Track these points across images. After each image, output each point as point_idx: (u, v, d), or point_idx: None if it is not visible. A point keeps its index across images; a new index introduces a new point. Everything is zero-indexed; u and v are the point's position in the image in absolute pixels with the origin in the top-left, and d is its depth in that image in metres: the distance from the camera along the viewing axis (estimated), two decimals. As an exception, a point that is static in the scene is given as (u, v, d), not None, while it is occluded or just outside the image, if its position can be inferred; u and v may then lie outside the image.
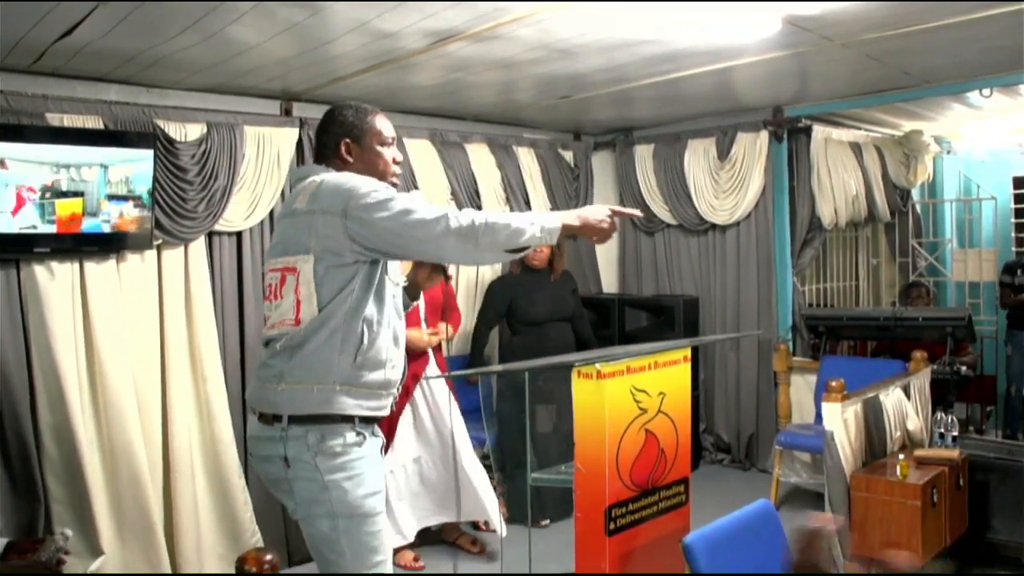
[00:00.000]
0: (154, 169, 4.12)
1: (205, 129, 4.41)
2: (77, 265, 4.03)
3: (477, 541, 4.86)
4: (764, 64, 4.53)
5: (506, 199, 5.99)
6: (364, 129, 2.58)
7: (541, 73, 4.53)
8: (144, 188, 4.10)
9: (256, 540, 4.53)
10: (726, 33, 3.89)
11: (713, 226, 6.40)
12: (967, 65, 4.79)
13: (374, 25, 3.49)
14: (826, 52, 4.32)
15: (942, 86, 5.35)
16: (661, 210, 6.63)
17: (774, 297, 6.15)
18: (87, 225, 3.96)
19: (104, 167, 3.98)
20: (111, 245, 4.09)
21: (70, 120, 3.99)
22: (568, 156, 6.62)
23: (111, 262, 4.14)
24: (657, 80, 4.83)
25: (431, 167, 5.52)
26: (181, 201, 4.27)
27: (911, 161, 7.21)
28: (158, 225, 4.21)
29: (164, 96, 4.40)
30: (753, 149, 6.07)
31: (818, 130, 6.06)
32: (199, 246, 4.46)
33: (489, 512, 4.54)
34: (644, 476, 3.59)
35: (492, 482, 4.83)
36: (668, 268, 6.76)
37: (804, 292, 6.42)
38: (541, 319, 5.23)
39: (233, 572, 1.88)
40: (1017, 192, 7.65)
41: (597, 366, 3.38)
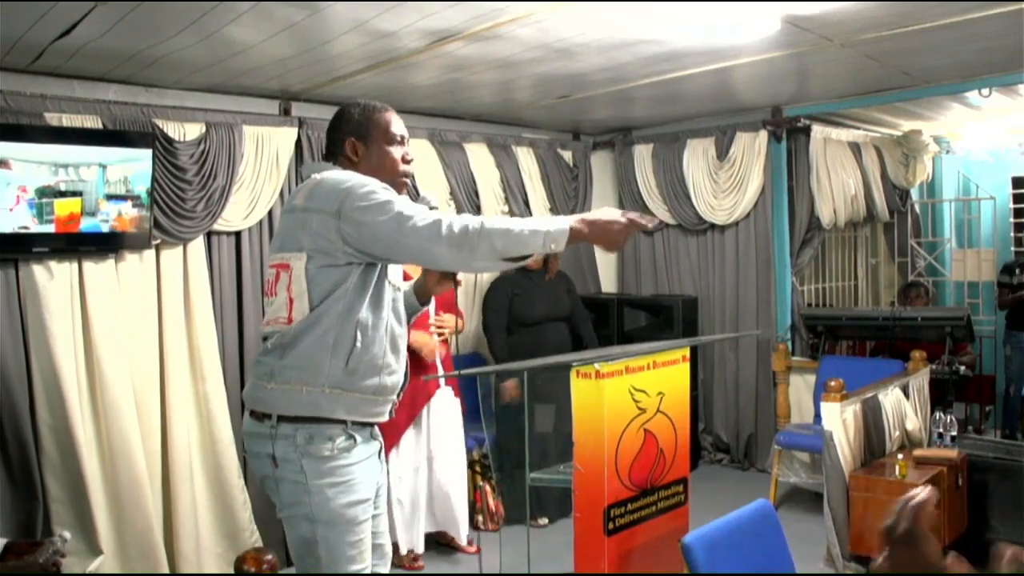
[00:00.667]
0: (153, 169, 4.12)
1: (204, 129, 4.41)
2: (76, 265, 4.02)
3: (474, 541, 4.86)
4: (763, 64, 4.53)
5: (505, 199, 5.99)
6: (371, 127, 2.53)
7: (540, 73, 4.53)
8: (143, 188, 4.09)
9: (255, 540, 4.53)
10: (725, 33, 3.89)
11: (712, 226, 6.40)
12: (966, 65, 4.79)
13: (373, 25, 3.49)
14: (825, 52, 4.32)
15: (941, 86, 5.36)
16: (660, 210, 6.63)
17: (773, 297, 6.15)
18: (85, 225, 3.96)
19: (103, 167, 3.98)
20: (110, 245, 4.08)
21: (69, 120, 3.99)
22: (567, 156, 6.62)
23: (110, 262, 4.14)
24: (656, 80, 4.83)
25: (430, 167, 5.52)
26: (180, 201, 4.27)
27: (910, 161, 7.21)
28: (157, 225, 4.20)
29: (163, 96, 4.40)
30: (752, 149, 6.07)
31: (817, 130, 6.06)
32: (198, 246, 4.46)
33: (459, 527, 4.68)
34: (643, 476, 3.59)
35: (491, 483, 4.83)
36: (667, 268, 6.76)
37: (803, 292, 6.42)
38: (537, 320, 5.23)
39: (232, 572, 1.87)
40: (1016, 192, 7.66)
41: (596, 366, 3.38)
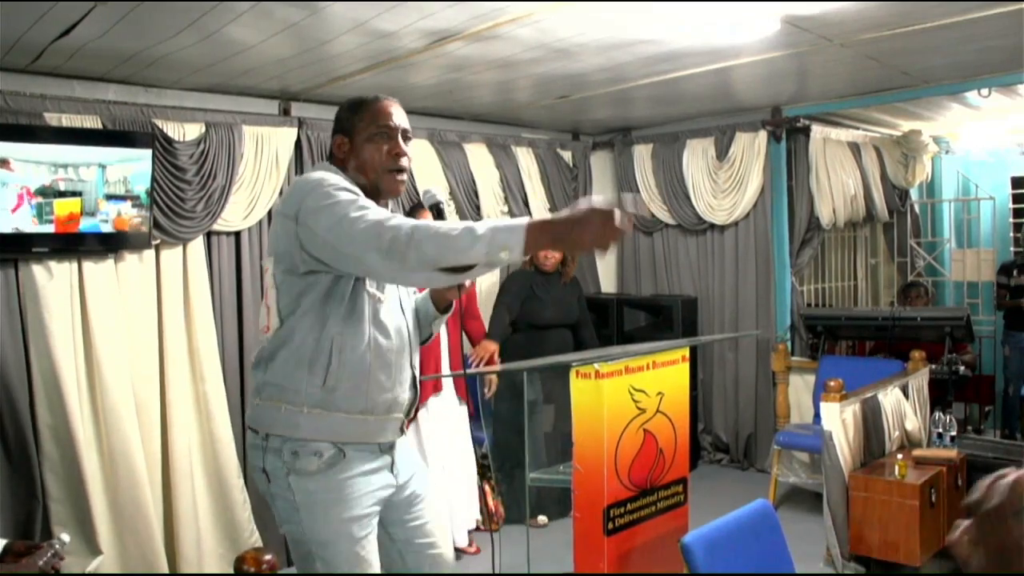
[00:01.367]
0: (153, 169, 4.12)
1: (203, 129, 4.41)
2: (75, 265, 4.02)
3: (474, 542, 4.86)
4: (763, 64, 4.53)
5: (505, 199, 5.99)
6: (355, 121, 2.36)
7: (540, 73, 4.53)
8: (142, 188, 4.09)
9: (255, 540, 4.53)
10: (725, 33, 3.89)
11: (712, 226, 6.40)
12: (965, 65, 4.80)
13: (372, 25, 3.49)
14: (825, 52, 4.32)
15: (940, 86, 5.36)
16: (660, 210, 6.63)
17: (772, 297, 6.16)
18: (85, 225, 3.96)
19: (102, 167, 3.98)
20: (109, 245, 4.08)
21: (68, 120, 3.99)
22: (567, 156, 6.62)
23: (109, 262, 4.14)
24: (656, 80, 4.83)
25: (430, 167, 5.52)
26: (179, 201, 4.27)
27: (909, 161, 7.21)
28: (156, 225, 4.20)
29: (162, 96, 4.40)
30: (751, 149, 6.07)
31: (816, 130, 6.06)
32: (197, 246, 4.46)
33: (460, 529, 4.73)
34: (642, 476, 3.59)
35: (491, 482, 4.83)
36: (667, 268, 6.76)
37: (802, 292, 6.42)
38: (545, 323, 5.22)
39: (232, 572, 1.86)
40: (1015, 192, 7.66)
41: (595, 366, 3.38)
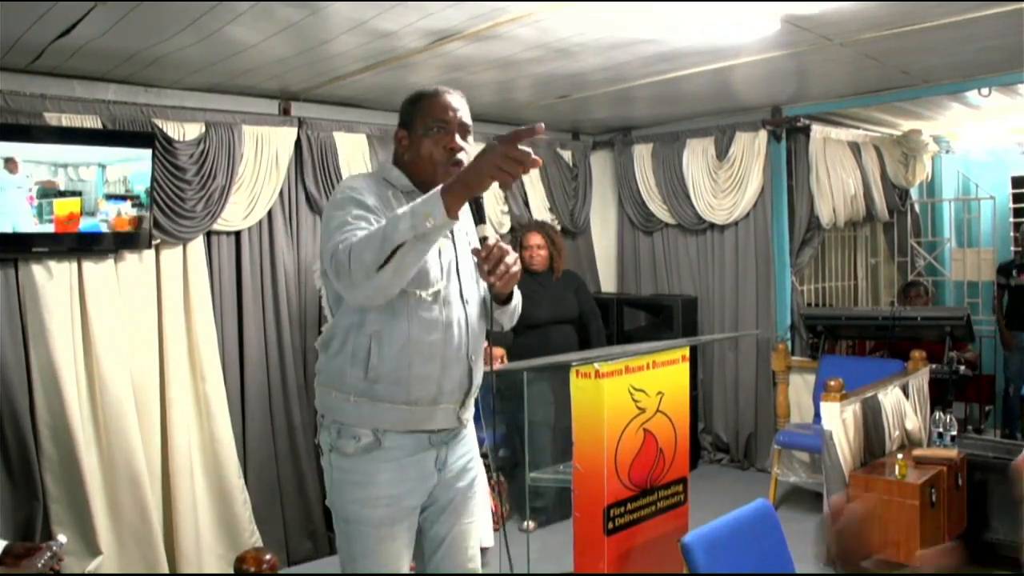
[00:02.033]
0: (152, 169, 4.12)
1: (203, 128, 4.41)
2: (75, 265, 4.02)
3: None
4: (763, 63, 4.53)
5: (505, 198, 5.99)
6: (414, 114, 2.37)
7: (540, 72, 4.53)
8: (142, 188, 4.09)
9: (255, 540, 4.53)
10: (725, 32, 3.89)
11: (712, 226, 6.40)
12: (966, 64, 4.79)
13: (372, 24, 3.49)
14: (825, 51, 4.32)
15: (940, 85, 5.36)
16: (660, 210, 6.63)
17: (773, 297, 6.15)
18: (85, 225, 3.96)
19: (102, 167, 3.98)
20: (109, 245, 4.08)
21: (68, 120, 3.99)
22: (567, 155, 6.62)
23: (109, 262, 4.14)
24: (656, 79, 4.83)
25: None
26: (179, 201, 4.27)
27: (910, 160, 7.21)
28: (156, 225, 4.21)
29: (162, 96, 4.40)
30: (752, 149, 6.07)
31: (816, 129, 6.06)
32: (197, 246, 4.46)
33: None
34: (642, 476, 3.59)
35: (491, 482, 4.82)
36: (667, 268, 6.76)
37: (803, 291, 6.41)
38: (542, 322, 5.21)
39: (232, 572, 1.86)
40: (1016, 192, 7.66)
41: (595, 366, 3.38)
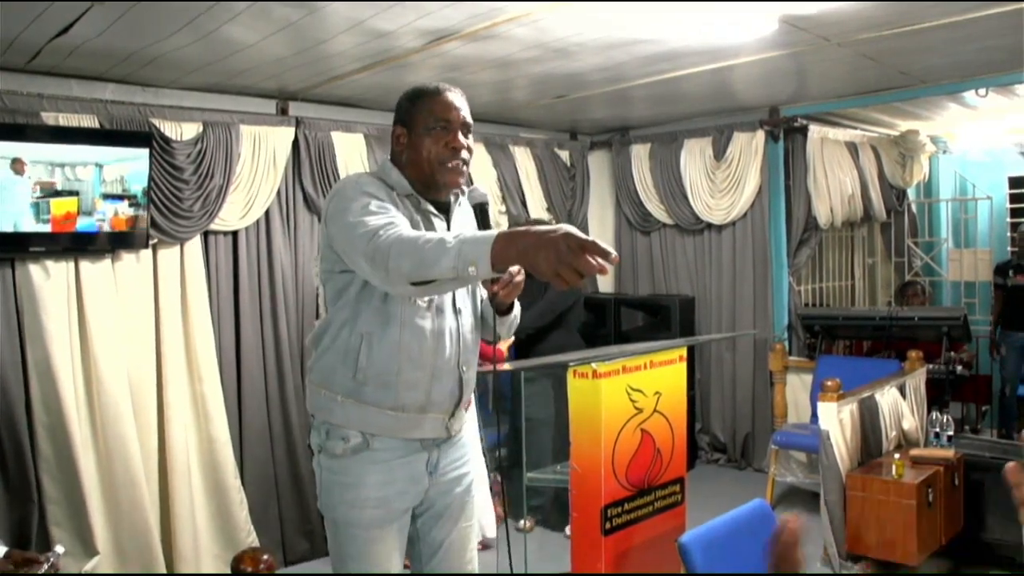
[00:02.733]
0: (150, 168, 4.12)
1: (201, 128, 4.41)
2: (72, 264, 4.02)
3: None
4: (761, 64, 4.53)
5: (502, 198, 5.99)
6: (413, 113, 2.31)
7: (538, 72, 4.53)
8: (139, 187, 4.09)
9: (252, 540, 4.54)
10: (723, 32, 3.89)
11: (709, 226, 6.40)
12: (963, 65, 4.80)
13: (370, 24, 3.49)
14: (823, 52, 4.32)
15: (938, 86, 5.37)
16: (657, 210, 6.64)
17: (770, 297, 6.16)
18: (82, 224, 3.95)
19: (99, 166, 3.98)
20: (106, 244, 4.08)
21: (66, 119, 3.99)
22: (564, 155, 6.62)
23: (106, 261, 4.14)
24: (654, 79, 4.83)
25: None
26: (177, 200, 4.27)
27: (907, 161, 7.22)
28: (153, 224, 4.20)
29: (160, 95, 4.39)
30: (749, 149, 6.07)
31: (814, 130, 6.07)
32: (195, 245, 4.46)
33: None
34: (640, 476, 3.59)
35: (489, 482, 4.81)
36: (664, 268, 6.76)
37: (800, 292, 6.42)
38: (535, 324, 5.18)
39: (229, 572, 1.87)
40: (1013, 192, 7.68)
41: (593, 366, 3.38)
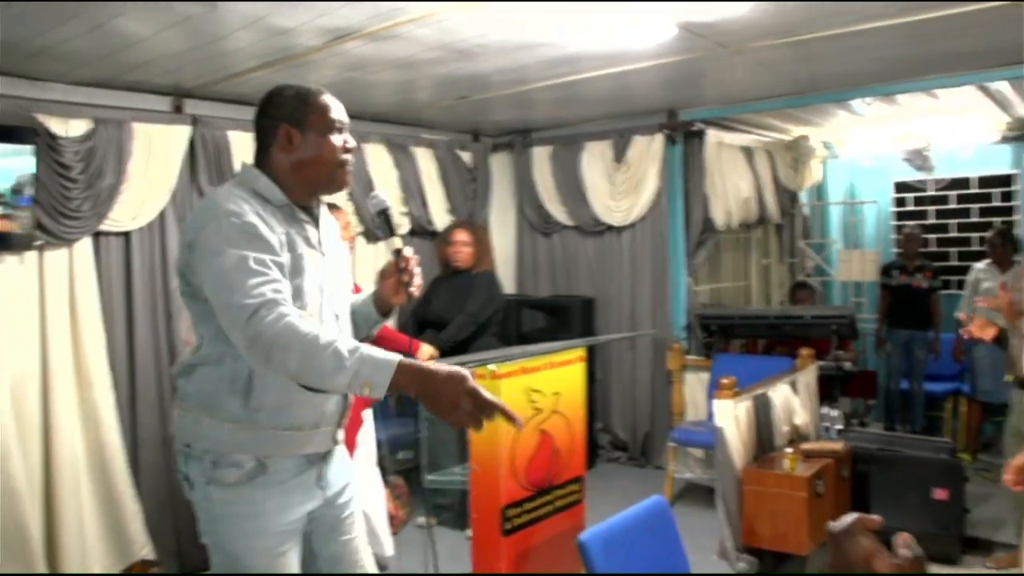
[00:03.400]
0: (36, 167, 3.96)
1: (92, 125, 4.25)
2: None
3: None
4: (659, 68, 4.62)
5: (404, 200, 5.95)
6: (307, 112, 2.20)
7: (440, 73, 4.53)
8: (6, 186, 3.91)
9: (147, 552, 4.39)
10: (623, 37, 3.96)
11: (609, 227, 6.49)
12: (851, 75, 5.00)
13: (269, 21, 3.43)
14: (719, 58, 4.43)
15: (828, 94, 5.58)
16: (558, 211, 6.70)
17: (668, 297, 6.28)
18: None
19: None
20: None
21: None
22: (466, 157, 6.61)
23: (-14, 264, 3.96)
24: (555, 82, 4.88)
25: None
26: (64, 200, 4.10)
27: (799, 165, 7.47)
28: (39, 225, 4.03)
29: (47, 89, 4.21)
30: (648, 152, 6.18)
31: (711, 134, 6.20)
32: (85, 247, 4.29)
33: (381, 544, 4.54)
34: (539, 475, 3.62)
35: (388, 486, 4.79)
36: (565, 269, 6.82)
37: (698, 292, 6.56)
38: (432, 319, 5.18)
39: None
40: (897, 196, 8.00)
41: (492, 367, 3.40)
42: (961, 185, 7.63)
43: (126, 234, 4.47)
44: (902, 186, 7.95)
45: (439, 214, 6.21)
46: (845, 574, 1.03)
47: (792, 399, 4.80)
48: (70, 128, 4.19)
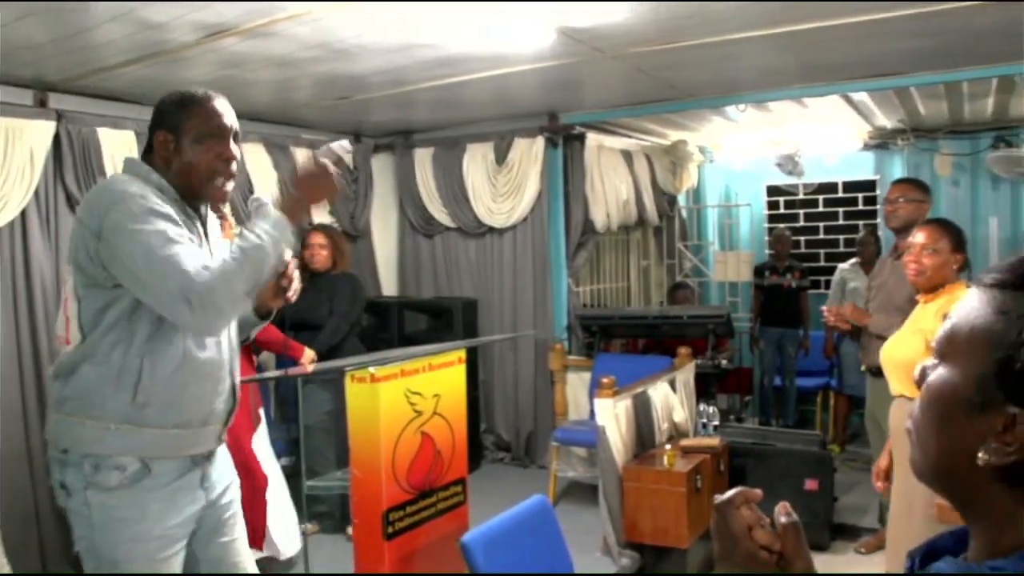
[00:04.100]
0: None
1: (-57, 119, 4.02)
2: None
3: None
4: (539, 72, 4.66)
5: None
6: (184, 119, 2.19)
7: (319, 72, 4.45)
8: None
9: (6, 571, 4.16)
10: (502, 40, 3.97)
11: (491, 229, 6.51)
12: (724, 82, 5.16)
13: (139, 14, 3.30)
14: (597, 63, 4.50)
15: (703, 100, 5.74)
16: (440, 213, 6.68)
17: (550, 298, 6.34)
18: None
19: None
20: None
21: None
22: (347, 158, 6.52)
23: None
24: (436, 84, 4.86)
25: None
26: (-85, 198, 3.87)
27: (677, 169, 7.66)
28: None
29: None
30: (529, 154, 6.23)
31: (591, 137, 6.30)
32: (-63, 248, 4.05)
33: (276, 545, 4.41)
34: (421, 478, 3.60)
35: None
36: (447, 271, 6.82)
37: (579, 293, 6.65)
38: (297, 320, 5.07)
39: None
40: (770, 199, 8.30)
41: (371, 370, 3.36)
42: (828, 189, 7.99)
43: (-16, 234, 4.24)
44: (774, 190, 8.25)
45: (319, 215, 6.10)
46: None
47: (671, 397, 4.92)
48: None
